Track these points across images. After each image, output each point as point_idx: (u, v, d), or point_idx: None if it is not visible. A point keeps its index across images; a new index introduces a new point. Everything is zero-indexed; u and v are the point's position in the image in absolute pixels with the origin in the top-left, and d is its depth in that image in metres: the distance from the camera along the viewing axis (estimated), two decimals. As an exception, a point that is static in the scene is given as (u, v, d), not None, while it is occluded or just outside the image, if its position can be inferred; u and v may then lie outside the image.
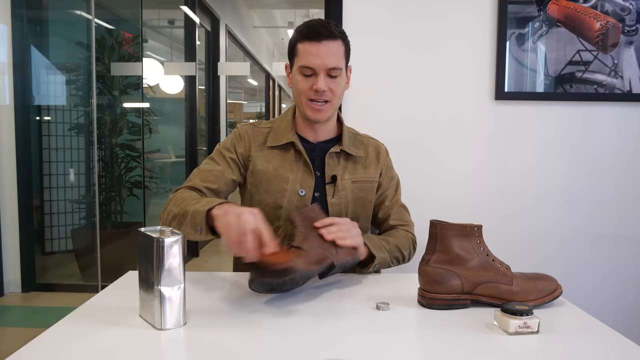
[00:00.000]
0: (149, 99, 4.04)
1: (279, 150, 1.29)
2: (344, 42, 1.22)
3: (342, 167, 1.30)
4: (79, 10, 3.67)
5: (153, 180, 4.29)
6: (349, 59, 1.26)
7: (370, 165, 1.34)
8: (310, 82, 1.20)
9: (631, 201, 2.12)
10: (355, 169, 1.31)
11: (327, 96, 1.21)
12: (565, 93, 2.06)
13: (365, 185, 1.32)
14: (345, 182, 1.29)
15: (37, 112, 3.43)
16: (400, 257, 1.27)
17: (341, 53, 1.21)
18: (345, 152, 1.30)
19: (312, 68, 1.19)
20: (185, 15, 4.37)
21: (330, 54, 1.18)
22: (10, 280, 3.22)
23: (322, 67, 1.18)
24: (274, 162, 1.28)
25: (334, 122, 1.34)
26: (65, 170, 3.60)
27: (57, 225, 3.61)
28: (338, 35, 1.20)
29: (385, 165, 1.37)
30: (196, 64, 4.38)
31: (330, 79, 1.20)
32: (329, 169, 1.28)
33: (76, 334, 0.83)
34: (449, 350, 0.79)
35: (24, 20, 3.20)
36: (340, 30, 1.22)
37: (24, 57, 3.22)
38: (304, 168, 1.28)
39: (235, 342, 0.81)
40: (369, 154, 1.35)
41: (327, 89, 1.20)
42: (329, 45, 1.18)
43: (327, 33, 1.17)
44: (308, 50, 1.18)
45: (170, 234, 0.85)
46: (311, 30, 1.18)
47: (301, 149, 1.27)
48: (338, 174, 1.28)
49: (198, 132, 4.65)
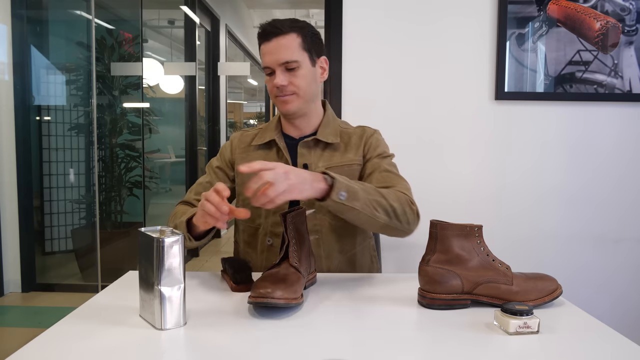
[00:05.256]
0: (149, 99, 4.04)
1: (263, 150, 1.33)
2: (300, 34, 1.22)
3: (317, 156, 1.29)
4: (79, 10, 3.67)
5: (153, 180, 4.29)
6: (316, 50, 1.26)
7: (350, 151, 1.30)
8: (273, 80, 1.23)
9: (631, 201, 2.12)
10: (331, 156, 1.29)
11: (289, 90, 1.23)
12: (565, 93, 2.06)
13: (341, 170, 1.26)
14: (318, 170, 1.25)
15: (37, 112, 3.43)
16: (388, 206, 1.10)
17: (295, 46, 1.21)
18: (322, 142, 1.29)
19: (269, 67, 1.23)
20: (185, 15, 4.37)
21: (281, 49, 1.20)
22: (10, 280, 3.22)
23: (275, 64, 1.21)
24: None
25: (318, 116, 1.33)
26: (65, 170, 3.60)
27: (57, 225, 3.61)
28: (289, 29, 1.21)
29: (369, 145, 1.31)
30: (196, 64, 4.38)
31: (289, 72, 1.22)
32: (302, 159, 1.28)
33: (76, 334, 0.83)
34: (449, 350, 0.79)
35: (24, 20, 3.20)
36: (294, 24, 1.23)
37: (24, 57, 3.22)
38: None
39: (235, 342, 0.81)
40: (351, 140, 1.31)
41: (288, 83, 1.22)
42: (279, 41, 1.20)
43: (275, 31, 1.20)
44: (263, 50, 1.23)
45: (170, 234, 0.85)
46: (262, 32, 1.23)
47: (281, 146, 1.29)
48: (312, 163, 1.28)
49: (198, 132, 4.66)
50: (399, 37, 2.08)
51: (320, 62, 1.28)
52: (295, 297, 0.93)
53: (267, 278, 0.96)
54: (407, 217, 1.14)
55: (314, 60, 1.25)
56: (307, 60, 1.24)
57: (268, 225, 1.28)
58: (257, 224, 1.30)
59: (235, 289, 1.07)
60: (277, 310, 0.93)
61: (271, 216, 1.27)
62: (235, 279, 1.08)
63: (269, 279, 0.95)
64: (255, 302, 0.90)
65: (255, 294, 0.90)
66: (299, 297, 0.95)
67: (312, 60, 1.25)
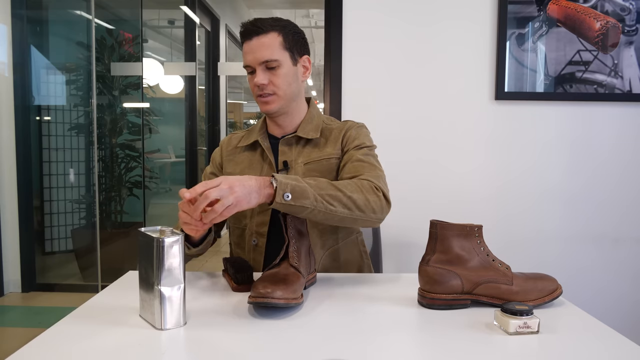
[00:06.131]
0: (149, 99, 4.04)
1: (249, 152, 1.34)
2: (281, 32, 1.22)
3: (297, 152, 1.29)
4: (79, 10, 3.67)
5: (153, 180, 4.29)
6: (297, 49, 1.25)
7: (328, 144, 1.29)
8: (253, 79, 1.23)
9: (631, 201, 2.12)
10: (310, 152, 1.29)
11: (269, 89, 1.23)
12: (565, 93, 2.06)
13: (319, 165, 1.26)
14: (297, 166, 1.27)
15: (37, 112, 3.43)
16: (345, 199, 1.06)
17: (276, 45, 1.21)
18: (303, 139, 1.30)
19: (250, 65, 1.23)
20: (185, 15, 4.37)
21: (261, 48, 1.20)
22: (10, 280, 3.22)
23: (256, 62, 1.21)
24: (243, 164, 1.33)
25: (300, 113, 1.33)
26: (65, 170, 3.60)
27: (57, 225, 3.61)
28: (269, 28, 1.21)
29: (347, 138, 1.29)
30: (196, 64, 4.38)
31: (269, 71, 1.22)
32: (282, 156, 1.29)
33: (76, 334, 0.83)
34: (449, 350, 0.79)
35: (24, 20, 3.20)
36: (275, 22, 1.23)
37: (24, 57, 3.22)
38: (269, 165, 1.29)
39: (235, 342, 0.81)
40: (331, 135, 1.31)
41: (268, 82, 1.22)
42: (260, 40, 1.20)
43: (255, 29, 1.21)
44: (244, 50, 1.23)
45: (170, 234, 0.85)
46: (243, 31, 1.23)
47: (265, 146, 1.29)
48: (292, 159, 1.28)
49: (198, 132, 4.66)
50: (399, 37, 2.08)
51: (303, 60, 1.28)
52: (295, 297, 0.93)
53: (267, 278, 0.96)
54: (371, 205, 1.08)
55: (295, 59, 1.25)
56: (288, 59, 1.23)
57: (253, 225, 1.28)
58: (243, 225, 1.31)
59: (236, 289, 1.07)
60: (277, 310, 0.93)
61: (256, 216, 1.28)
62: (236, 278, 1.08)
63: (268, 279, 0.95)
64: (256, 302, 0.90)
65: (255, 294, 0.90)
66: (299, 297, 0.95)
67: (293, 59, 1.25)
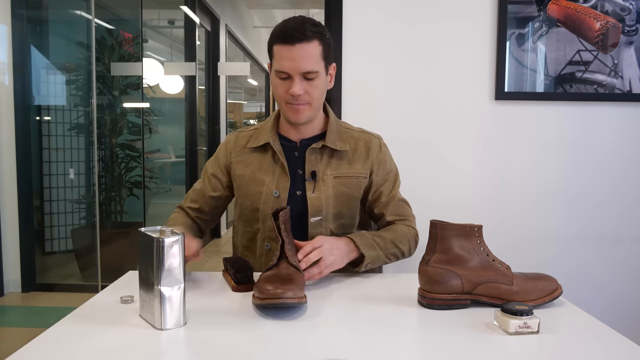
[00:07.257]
0: (149, 99, 4.04)
1: (259, 153, 1.30)
2: (321, 41, 1.17)
3: (325, 163, 1.27)
4: (79, 10, 3.67)
5: (153, 180, 4.29)
6: (330, 58, 1.21)
7: (357, 161, 1.29)
8: (286, 86, 1.17)
9: (631, 201, 2.12)
10: (339, 165, 1.28)
11: (303, 99, 1.18)
12: (565, 93, 2.06)
13: (349, 181, 1.27)
14: (326, 178, 1.25)
15: (37, 112, 3.44)
16: (399, 253, 1.26)
17: (317, 55, 1.16)
18: (328, 148, 1.27)
19: (286, 72, 1.16)
20: (185, 15, 4.37)
21: (304, 57, 1.13)
22: (10, 280, 3.22)
23: (296, 72, 1.14)
24: (253, 166, 1.29)
25: (321, 118, 1.30)
26: (65, 170, 3.60)
27: (57, 225, 3.62)
28: (313, 36, 1.14)
29: (378, 161, 1.31)
30: (196, 64, 4.38)
31: (306, 81, 1.16)
32: (310, 165, 1.26)
33: (76, 334, 0.83)
34: (449, 350, 0.79)
35: (24, 20, 3.20)
36: (317, 29, 1.16)
37: (24, 57, 3.22)
38: (281, 169, 1.27)
39: (235, 342, 0.81)
40: (357, 149, 1.30)
41: (304, 93, 1.17)
42: (303, 48, 1.13)
43: (300, 36, 1.13)
44: (282, 54, 1.15)
45: (170, 234, 0.85)
46: (285, 33, 1.15)
47: (277, 149, 1.26)
48: (320, 170, 1.26)
49: (198, 132, 4.66)
50: (399, 37, 2.08)
51: (331, 69, 1.24)
52: (304, 296, 0.94)
53: (273, 279, 0.95)
54: (410, 251, 1.30)
55: (327, 68, 1.21)
56: (324, 69, 1.19)
57: (266, 230, 1.27)
58: (255, 229, 1.30)
59: (236, 288, 1.07)
60: (278, 310, 0.93)
61: (268, 221, 1.26)
62: (236, 278, 1.08)
63: (274, 279, 0.94)
64: (270, 303, 0.89)
65: (266, 295, 0.89)
66: (304, 295, 0.95)
67: (326, 68, 1.21)
